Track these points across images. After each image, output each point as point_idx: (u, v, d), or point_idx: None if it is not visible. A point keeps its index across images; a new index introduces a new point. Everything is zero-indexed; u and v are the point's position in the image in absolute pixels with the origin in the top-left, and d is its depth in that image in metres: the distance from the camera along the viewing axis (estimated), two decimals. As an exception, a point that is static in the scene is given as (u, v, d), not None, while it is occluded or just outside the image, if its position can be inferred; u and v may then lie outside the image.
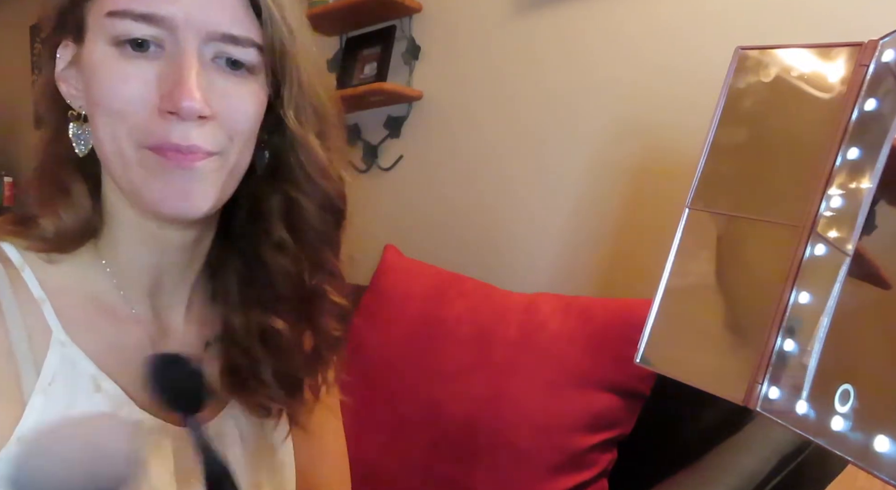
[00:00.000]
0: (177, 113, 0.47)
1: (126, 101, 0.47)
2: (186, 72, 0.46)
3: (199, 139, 0.48)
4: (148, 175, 0.49)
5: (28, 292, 0.53)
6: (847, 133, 0.38)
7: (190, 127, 0.48)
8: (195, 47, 0.48)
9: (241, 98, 0.51)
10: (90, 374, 0.53)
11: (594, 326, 1.06)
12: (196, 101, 0.46)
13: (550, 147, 1.50)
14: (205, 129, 0.49)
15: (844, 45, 0.39)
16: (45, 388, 0.51)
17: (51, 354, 0.52)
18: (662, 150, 1.31)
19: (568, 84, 1.48)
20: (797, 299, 0.37)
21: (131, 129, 0.48)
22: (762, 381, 0.36)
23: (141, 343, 0.58)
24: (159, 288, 0.59)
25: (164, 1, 0.47)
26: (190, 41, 0.47)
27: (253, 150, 0.54)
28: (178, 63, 0.47)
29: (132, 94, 0.47)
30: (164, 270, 0.58)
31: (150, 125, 0.48)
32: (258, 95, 0.52)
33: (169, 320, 0.61)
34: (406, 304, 1.30)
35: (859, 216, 0.38)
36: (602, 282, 1.39)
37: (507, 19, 1.60)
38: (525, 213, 1.54)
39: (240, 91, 0.51)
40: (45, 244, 0.53)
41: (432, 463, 1.10)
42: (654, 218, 1.29)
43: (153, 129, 0.48)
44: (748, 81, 0.44)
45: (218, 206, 0.53)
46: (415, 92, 1.76)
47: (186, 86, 0.46)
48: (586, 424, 1.01)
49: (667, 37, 1.32)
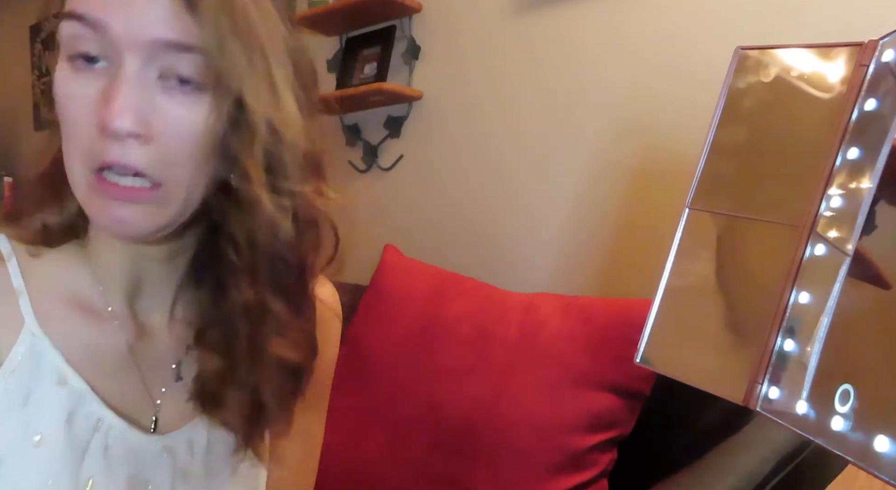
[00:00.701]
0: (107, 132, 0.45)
1: (73, 120, 0.47)
2: (118, 89, 0.45)
3: (135, 159, 0.46)
4: (94, 197, 0.48)
5: (8, 283, 0.54)
6: (847, 133, 0.38)
7: (125, 147, 0.46)
8: (135, 63, 0.45)
9: (183, 119, 0.47)
10: (56, 366, 0.54)
11: (594, 326, 1.06)
12: (122, 119, 0.44)
13: (550, 147, 1.50)
14: (141, 151, 0.46)
15: (844, 45, 0.39)
16: (6, 376, 0.52)
17: (18, 344, 0.53)
18: (662, 150, 1.31)
19: (568, 84, 1.48)
20: (797, 299, 0.37)
21: (80, 150, 0.47)
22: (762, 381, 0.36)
23: (117, 342, 0.58)
24: (139, 291, 0.59)
25: (102, 6, 0.45)
26: (129, 55, 0.45)
27: (211, 172, 0.50)
28: (113, 80, 0.45)
29: (78, 113, 0.47)
30: (143, 276, 0.58)
31: (93, 145, 0.46)
32: (203, 115, 0.47)
33: (149, 321, 0.60)
34: (406, 304, 1.30)
35: (859, 216, 0.38)
36: (602, 282, 1.39)
37: (508, 19, 1.60)
38: (525, 213, 1.54)
39: (183, 111, 0.47)
40: (30, 235, 0.55)
41: (432, 463, 1.10)
42: (654, 218, 1.29)
43: (95, 149, 0.46)
44: (748, 81, 0.44)
45: (172, 228, 0.51)
46: (415, 92, 1.76)
47: (115, 104, 0.44)
48: (586, 424, 1.01)
49: (667, 37, 1.32)
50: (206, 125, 0.48)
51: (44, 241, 0.56)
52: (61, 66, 0.48)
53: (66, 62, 0.47)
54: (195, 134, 0.48)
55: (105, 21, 0.44)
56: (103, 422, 0.55)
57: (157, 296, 0.60)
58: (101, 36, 0.45)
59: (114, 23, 0.44)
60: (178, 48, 0.45)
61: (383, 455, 1.16)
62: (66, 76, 0.47)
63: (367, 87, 1.73)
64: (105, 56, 0.46)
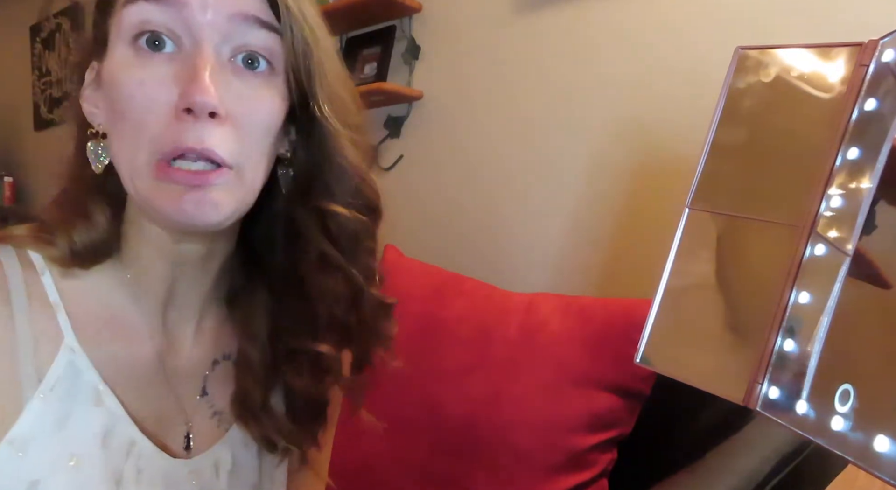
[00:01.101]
0: (191, 109, 0.45)
1: (144, 107, 0.46)
2: (200, 63, 0.45)
3: (213, 142, 0.46)
4: (163, 185, 0.47)
5: (45, 296, 0.52)
6: (847, 133, 0.38)
7: (204, 129, 0.46)
8: (212, 43, 0.47)
9: (257, 99, 0.49)
10: (93, 385, 0.53)
11: (594, 326, 1.06)
12: (210, 95, 0.45)
13: (550, 147, 1.50)
14: (218, 132, 0.47)
15: (844, 45, 0.39)
16: (46, 394, 0.50)
17: (58, 360, 0.51)
18: (662, 149, 1.31)
19: (568, 84, 1.48)
20: (797, 299, 0.37)
21: (150, 138, 0.47)
22: (762, 381, 0.36)
23: (149, 356, 0.57)
24: (172, 299, 0.58)
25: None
26: (206, 35, 0.46)
27: (269, 166, 0.52)
28: (193, 60, 0.46)
29: (149, 98, 0.46)
30: (177, 281, 0.57)
31: (165, 131, 0.46)
32: (275, 100, 0.50)
33: (179, 334, 0.60)
34: (406, 304, 1.30)
35: (859, 216, 0.38)
36: (602, 282, 1.39)
37: (508, 19, 1.60)
38: (525, 213, 1.54)
39: (257, 93, 0.49)
40: (62, 261, 0.53)
41: (432, 463, 1.10)
42: (654, 218, 1.29)
43: (168, 135, 0.46)
44: (748, 81, 0.44)
45: (233, 220, 0.51)
46: (415, 92, 1.76)
47: (201, 80, 0.45)
48: (586, 424, 1.01)
49: (667, 36, 1.32)
50: (274, 108, 0.50)
51: (77, 263, 0.54)
52: (121, 53, 0.47)
53: (127, 48, 0.47)
54: (265, 116, 0.49)
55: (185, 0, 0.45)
56: (136, 445, 0.54)
57: (187, 306, 0.59)
58: (176, 15, 0.46)
59: (194, 1, 0.45)
60: (256, 23, 0.47)
61: (383, 455, 1.16)
62: (129, 63, 0.47)
63: (367, 87, 1.73)
64: (176, 38, 0.47)
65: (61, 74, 3.02)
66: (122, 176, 0.50)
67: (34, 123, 3.22)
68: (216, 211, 0.48)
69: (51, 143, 3.06)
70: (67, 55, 2.97)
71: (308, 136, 0.53)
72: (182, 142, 0.46)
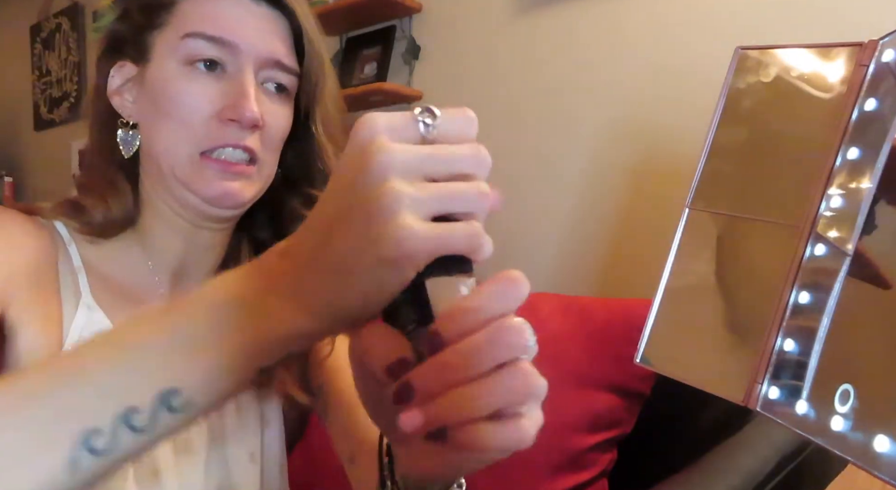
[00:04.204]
0: (238, 121, 0.57)
1: (192, 110, 0.58)
2: (248, 89, 0.58)
3: (250, 142, 0.59)
4: (204, 172, 0.58)
5: (70, 262, 0.60)
6: (847, 133, 0.38)
7: (243, 132, 0.59)
8: (252, 70, 0.59)
9: (280, 115, 0.62)
10: None
11: (594, 326, 1.06)
12: (256, 112, 0.57)
13: (550, 147, 1.50)
14: (254, 135, 0.59)
15: (844, 45, 0.39)
16: (74, 345, 0.54)
17: (78, 315, 0.58)
18: (662, 150, 1.31)
19: (568, 84, 1.48)
20: (797, 299, 0.37)
21: (192, 134, 0.58)
22: (762, 381, 0.36)
23: None
24: (182, 275, 0.65)
25: (231, 29, 0.58)
26: (249, 65, 0.59)
27: (276, 165, 0.64)
28: (239, 81, 0.59)
29: (197, 105, 0.58)
30: (188, 260, 0.65)
31: (208, 131, 0.58)
32: (289, 116, 0.63)
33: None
34: (406, 304, 1.30)
35: (859, 216, 0.38)
36: (602, 282, 1.39)
37: (508, 19, 1.60)
38: (525, 214, 1.54)
39: (280, 110, 0.62)
40: (91, 228, 0.61)
41: (432, 463, 1.10)
42: (654, 218, 1.29)
43: (212, 133, 0.58)
44: (748, 81, 0.44)
45: (248, 206, 0.62)
46: (415, 92, 1.76)
47: (249, 100, 0.58)
48: (586, 424, 1.01)
49: (667, 37, 1.32)
50: (288, 122, 0.63)
51: (101, 233, 0.62)
52: (174, 67, 0.59)
53: (182, 66, 0.59)
54: (283, 127, 0.62)
55: (236, 43, 0.59)
56: None
57: (197, 276, 0.67)
58: (228, 51, 0.59)
59: (242, 44, 0.59)
60: (284, 68, 0.61)
61: (383, 455, 1.16)
62: (183, 77, 0.59)
63: (367, 87, 1.73)
64: (223, 64, 0.59)
65: (61, 74, 3.03)
66: (161, 162, 0.60)
67: (34, 123, 3.22)
68: (241, 196, 0.60)
69: (51, 143, 3.06)
70: (68, 55, 2.98)
71: (300, 142, 0.65)
72: (226, 139, 0.58)
